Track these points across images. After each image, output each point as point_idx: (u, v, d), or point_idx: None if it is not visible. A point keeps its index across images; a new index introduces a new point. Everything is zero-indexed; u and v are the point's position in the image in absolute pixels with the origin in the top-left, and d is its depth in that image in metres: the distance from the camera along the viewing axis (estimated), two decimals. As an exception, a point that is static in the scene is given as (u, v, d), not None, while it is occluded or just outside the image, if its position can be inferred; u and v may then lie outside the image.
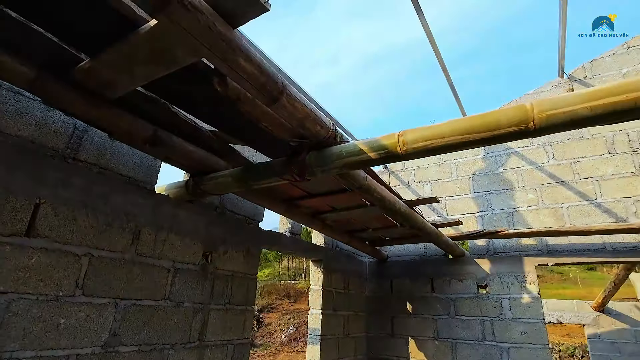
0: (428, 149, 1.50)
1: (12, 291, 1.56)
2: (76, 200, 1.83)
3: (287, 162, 1.89)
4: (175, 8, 0.99)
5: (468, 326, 3.85)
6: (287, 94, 1.44)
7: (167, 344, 2.14)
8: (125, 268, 2.00)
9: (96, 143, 1.98)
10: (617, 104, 1.16)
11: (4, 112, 1.64)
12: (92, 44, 1.42)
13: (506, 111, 1.34)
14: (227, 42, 1.14)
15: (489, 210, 4.15)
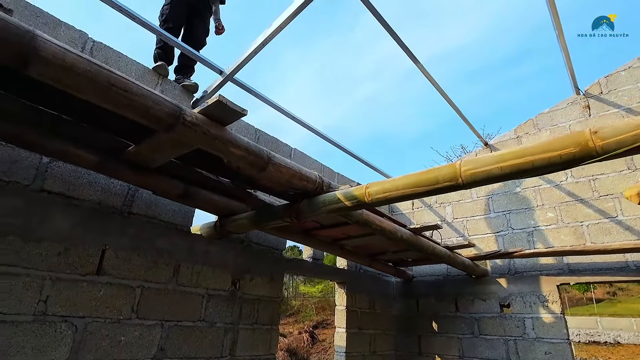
0: (387, 199, 1.85)
1: (88, 316, 2.13)
2: (131, 245, 2.40)
3: (287, 207, 2.32)
4: (179, 128, 1.48)
5: (492, 346, 3.92)
6: (273, 163, 1.88)
7: (203, 357, 2.62)
8: (169, 296, 2.53)
9: (144, 199, 2.56)
10: (520, 165, 1.44)
11: (79, 184, 2.27)
12: (134, 136, 1.98)
13: (442, 169, 1.66)
14: (218, 139, 1.61)
15: (508, 230, 4.23)
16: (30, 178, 2.08)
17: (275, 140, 3.77)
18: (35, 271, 1.99)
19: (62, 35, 2.38)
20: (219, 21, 3.37)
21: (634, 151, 1.25)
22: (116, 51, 2.65)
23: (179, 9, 3.02)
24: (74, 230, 2.16)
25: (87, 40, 2.50)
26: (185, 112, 1.48)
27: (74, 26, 2.45)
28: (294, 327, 40.60)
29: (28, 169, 2.08)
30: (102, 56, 2.56)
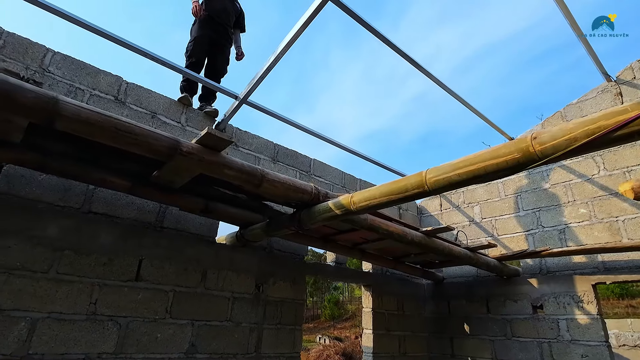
0: (369, 206, 2.01)
1: (129, 316, 2.54)
2: (163, 254, 2.79)
3: (291, 217, 2.56)
4: (178, 157, 1.79)
5: (525, 348, 3.81)
6: (267, 180, 2.13)
7: (230, 354, 2.94)
8: (198, 298, 2.88)
9: (174, 215, 2.96)
10: (473, 171, 1.55)
11: (119, 205, 2.70)
12: (156, 165, 2.35)
13: (411, 178, 1.80)
14: (213, 164, 1.90)
15: (539, 228, 4.08)
16: (80, 202, 2.55)
17: (294, 153, 4.04)
18: (86, 279, 2.43)
19: (102, 81, 2.86)
20: (240, 48, 3.75)
21: (570, 154, 1.31)
22: (146, 89, 3.09)
23: (202, 45, 3.44)
24: (115, 244, 2.59)
25: (122, 82, 2.96)
26: (182, 144, 1.79)
27: (111, 72, 2.93)
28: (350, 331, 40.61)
29: (78, 195, 2.55)
30: (135, 94, 3.01)
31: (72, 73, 2.74)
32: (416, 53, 10.06)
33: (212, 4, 3.57)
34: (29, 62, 2.56)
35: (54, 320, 2.25)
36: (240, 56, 3.85)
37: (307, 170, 4.10)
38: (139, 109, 3.00)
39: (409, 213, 5.20)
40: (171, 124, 3.15)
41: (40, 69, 2.60)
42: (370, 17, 2.78)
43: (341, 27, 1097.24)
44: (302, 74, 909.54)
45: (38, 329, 2.19)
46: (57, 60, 2.69)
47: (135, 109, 2.97)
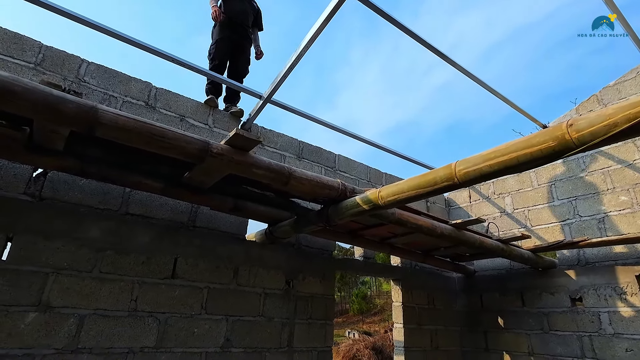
0: (397, 201, 2.00)
1: (168, 312, 2.65)
2: (197, 253, 2.89)
3: (318, 213, 2.59)
4: (209, 159, 1.84)
5: (564, 342, 3.68)
6: (294, 177, 2.16)
7: (264, 347, 3.01)
8: (231, 294, 2.97)
9: (205, 214, 3.05)
10: (505, 162, 1.51)
11: (154, 207, 2.82)
12: (186, 166, 2.43)
13: (439, 171, 1.77)
14: (242, 164, 1.95)
15: (575, 218, 3.91)
16: (117, 205, 2.67)
17: (319, 149, 4.06)
18: (126, 277, 2.55)
19: (133, 88, 2.98)
20: (259, 47, 3.80)
21: (610, 140, 1.26)
22: (174, 93, 3.19)
23: (224, 47, 3.51)
24: (152, 244, 2.71)
25: (151, 88, 3.07)
26: (212, 146, 1.84)
27: (141, 79, 3.04)
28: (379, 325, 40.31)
29: (115, 198, 2.67)
30: (164, 99, 3.12)
31: (106, 82, 2.86)
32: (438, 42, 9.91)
33: (230, 6, 3.63)
34: (66, 73, 2.70)
35: (99, 317, 2.39)
36: (260, 55, 3.90)
37: (332, 166, 4.11)
38: (169, 112, 3.10)
39: (436, 206, 5.12)
40: (199, 126, 3.23)
41: (76, 79, 2.73)
42: (389, 6, 2.74)
43: (361, 21, 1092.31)
44: (322, 70, 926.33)
45: (85, 325, 2.33)
46: (92, 70, 2.82)
47: (164, 113, 3.08)
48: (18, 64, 2.52)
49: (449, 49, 56.77)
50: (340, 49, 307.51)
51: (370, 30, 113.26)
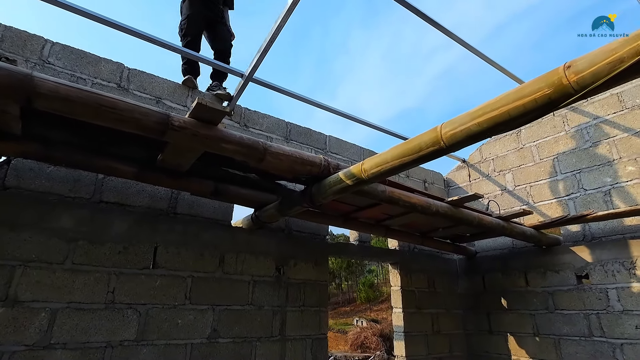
0: (381, 172, 1.83)
1: (148, 303, 2.52)
2: (179, 241, 2.74)
3: (302, 193, 2.42)
4: (170, 133, 1.67)
5: (570, 321, 3.52)
6: (270, 152, 1.99)
7: (254, 337, 2.88)
8: (217, 283, 2.83)
9: (187, 200, 2.89)
10: (496, 117, 1.33)
11: (130, 194, 2.66)
12: (158, 147, 2.26)
13: (424, 135, 1.59)
14: (209, 138, 1.78)
15: (580, 192, 3.72)
16: (90, 192, 2.52)
17: (308, 130, 3.87)
18: (102, 268, 2.41)
19: (103, 69, 2.80)
20: (229, 28, 3.58)
21: (614, 80, 1.07)
22: (149, 74, 3.01)
23: (196, 22, 3.29)
24: (129, 232, 2.56)
25: (123, 69, 2.89)
26: (173, 118, 1.67)
27: (111, 59, 2.86)
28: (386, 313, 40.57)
29: (88, 185, 2.52)
30: (138, 80, 2.94)
31: (73, 63, 2.69)
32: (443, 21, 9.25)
33: None
34: (29, 55, 2.53)
35: (73, 310, 2.26)
36: (231, 37, 3.66)
37: (322, 148, 3.93)
38: (143, 94, 2.93)
39: (435, 186, 4.93)
40: (177, 108, 3.06)
41: (40, 60, 2.56)
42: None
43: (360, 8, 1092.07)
44: (322, 59, 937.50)
45: (58, 319, 2.20)
46: (57, 51, 2.65)
47: (139, 95, 2.90)
48: (-26, 45, 2.36)
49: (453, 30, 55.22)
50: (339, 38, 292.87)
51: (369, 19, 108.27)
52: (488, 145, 4.73)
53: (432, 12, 2.98)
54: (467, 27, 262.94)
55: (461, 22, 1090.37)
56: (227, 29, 3.50)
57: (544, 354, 3.65)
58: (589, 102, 3.83)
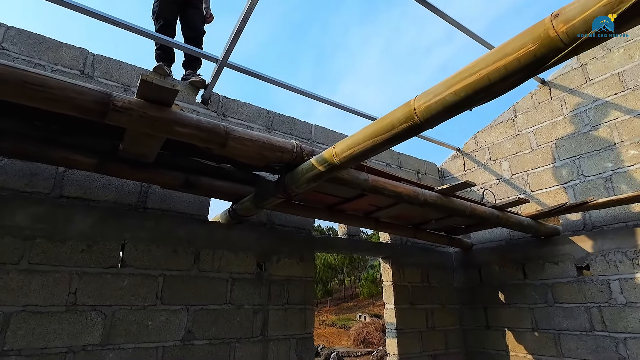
0: (353, 156, 1.64)
1: (115, 304, 2.34)
2: (149, 237, 2.56)
3: (276, 183, 2.24)
4: (113, 115, 1.49)
5: (571, 314, 3.34)
6: (233, 137, 1.80)
7: (232, 338, 2.71)
8: (192, 281, 2.65)
9: (158, 194, 2.71)
10: (474, 84, 1.14)
11: (95, 187, 2.48)
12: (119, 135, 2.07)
13: (397, 111, 1.40)
14: (159, 120, 1.59)
15: (580, 179, 3.52)
16: (49, 187, 2.34)
17: (292, 119, 3.68)
18: (63, 267, 2.24)
19: (65, 55, 2.61)
20: (208, 9, 3.37)
21: (614, 26, 0.87)
22: (116, 60, 2.82)
23: (170, 4, 3.08)
24: (94, 229, 2.38)
25: (87, 55, 2.70)
26: (115, 98, 1.49)
27: (74, 45, 2.67)
28: (389, 307, 40.22)
29: (47, 179, 2.34)
30: (104, 67, 2.75)
31: (30, 48, 2.50)
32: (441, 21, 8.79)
33: None
34: (-20, 40, 2.34)
35: (29, 314, 2.09)
36: (209, 18, 3.44)
37: (308, 138, 3.74)
38: (109, 82, 2.74)
39: (429, 177, 4.74)
40: (148, 97, 2.87)
41: (-7, 46, 2.37)
42: None
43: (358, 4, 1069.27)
44: (321, 56, 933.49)
45: (12, 324, 2.03)
46: (12, 36, 2.46)
47: (105, 82, 2.72)
48: None
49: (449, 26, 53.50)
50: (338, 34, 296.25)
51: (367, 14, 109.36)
52: (483, 133, 4.53)
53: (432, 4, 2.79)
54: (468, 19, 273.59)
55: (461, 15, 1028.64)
56: (199, 13, 3.29)
57: (543, 349, 3.47)
58: (587, 83, 3.62)
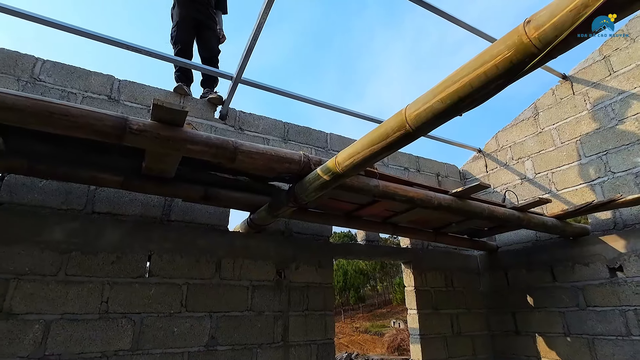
0: (354, 165, 1.69)
1: (143, 312, 2.50)
2: (173, 248, 2.72)
3: (287, 193, 2.32)
4: (129, 137, 1.63)
5: (605, 318, 3.18)
6: (242, 152, 1.90)
7: (254, 344, 2.80)
8: (214, 289, 2.78)
9: (180, 206, 2.87)
10: (458, 91, 1.17)
11: (122, 203, 2.67)
12: (141, 155, 2.24)
13: (390, 120, 1.45)
14: (172, 139, 1.72)
15: (607, 175, 3.36)
16: (82, 204, 2.55)
17: (307, 129, 3.77)
18: (95, 278, 2.42)
19: (94, 82, 2.84)
20: (221, 31, 3.55)
21: (579, 30, 0.89)
22: (140, 84, 3.03)
23: (186, 28, 3.29)
24: (122, 241, 2.56)
25: (114, 81, 2.93)
26: (131, 122, 1.63)
27: (102, 72, 2.90)
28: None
29: (80, 197, 2.55)
30: (128, 90, 2.96)
31: (63, 79, 2.75)
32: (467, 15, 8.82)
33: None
34: (20, 74, 2.61)
35: (67, 321, 2.27)
36: (222, 39, 3.64)
37: (323, 146, 3.82)
38: (134, 104, 2.95)
39: (450, 180, 4.67)
40: (169, 116, 3.05)
41: (31, 78, 2.63)
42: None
43: (380, 7, 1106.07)
44: (347, 62, 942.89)
45: (52, 331, 2.22)
46: (48, 68, 2.71)
47: (130, 105, 2.93)
48: (-33, 69, 2.45)
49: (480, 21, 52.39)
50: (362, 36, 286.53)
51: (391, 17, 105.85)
52: (504, 132, 4.42)
53: (454, 5, 2.91)
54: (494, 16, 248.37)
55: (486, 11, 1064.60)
56: (214, 34, 3.48)
57: (577, 355, 3.31)
58: (611, 76, 3.47)
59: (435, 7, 2.95)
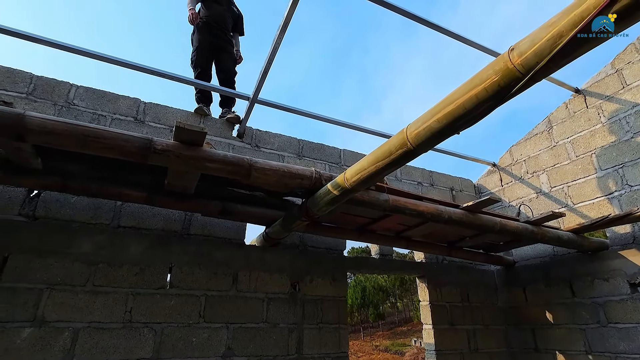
0: (361, 180, 1.78)
1: (164, 322, 2.62)
2: (192, 260, 2.85)
3: (299, 208, 2.42)
4: (153, 156, 1.78)
5: (628, 336, 3.09)
6: (256, 169, 2.03)
7: (269, 355, 2.87)
8: (230, 301, 2.88)
9: (200, 221, 3.02)
10: (453, 112, 1.25)
11: (146, 217, 2.84)
12: (164, 173, 2.40)
13: (393, 138, 1.54)
14: (192, 158, 1.86)
15: (625, 188, 3.32)
16: (109, 218, 2.73)
17: (321, 146, 3.90)
18: (120, 289, 2.57)
19: (121, 105, 3.07)
20: (238, 52, 3.77)
21: (558, 59, 0.97)
22: (163, 106, 3.24)
23: (205, 53, 3.51)
24: (145, 254, 2.71)
25: (140, 103, 3.15)
26: (155, 143, 1.78)
27: (129, 96, 3.13)
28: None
29: (107, 212, 2.73)
30: (153, 112, 3.17)
31: (94, 102, 2.98)
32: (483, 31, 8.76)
33: (209, 9, 3.65)
34: (56, 99, 2.85)
35: (93, 329, 2.41)
36: (239, 60, 3.86)
37: (337, 162, 3.92)
38: (158, 125, 3.15)
39: (464, 194, 4.68)
40: (190, 135, 3.24)
41: (66, 103, 2.87)
42: (426, 3, 2.67)
43: (396, 22, 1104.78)
44: (364, 77, 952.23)
45: (80, 338, 2.36)
46: (81, 93, 2.95)
47: (154, 125, 3.13)
48: (11, 95, 2.70)
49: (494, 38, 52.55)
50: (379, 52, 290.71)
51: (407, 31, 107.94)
52: (518, 146, 4.42)
53: (474, 19, 3.10)
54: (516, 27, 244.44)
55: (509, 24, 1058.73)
56: (231, 57, 3.69)
57: (599, 374, 3.22)
58: (625, 89, 3.46)
59: (449, 30, 3.05)
